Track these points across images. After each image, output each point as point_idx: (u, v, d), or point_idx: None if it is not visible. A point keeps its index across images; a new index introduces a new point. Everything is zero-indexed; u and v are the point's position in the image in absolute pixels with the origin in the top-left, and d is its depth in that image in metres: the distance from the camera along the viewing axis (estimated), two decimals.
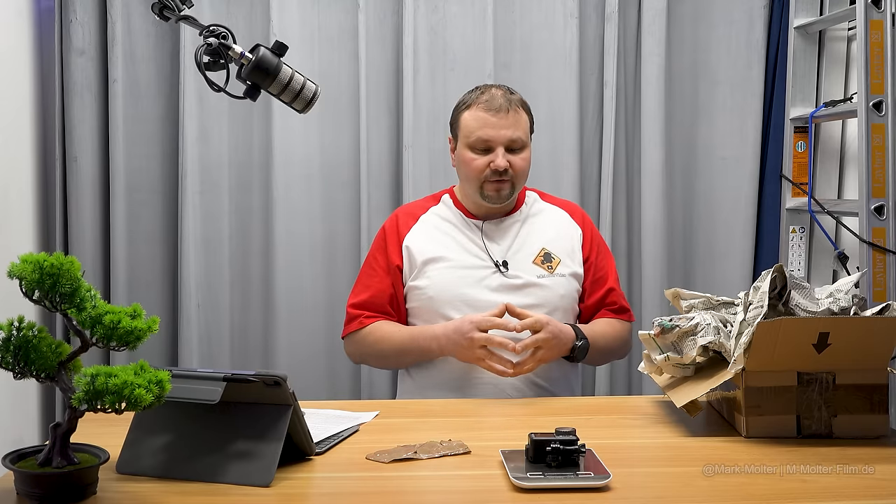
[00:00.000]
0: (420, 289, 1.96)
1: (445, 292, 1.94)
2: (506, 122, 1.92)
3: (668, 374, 1.63)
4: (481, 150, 1.94)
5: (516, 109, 1.94)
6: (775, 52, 2.66)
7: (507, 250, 1.98)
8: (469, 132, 1.95)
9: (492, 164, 1.92)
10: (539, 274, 1.96)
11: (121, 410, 1.10)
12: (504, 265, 1.95)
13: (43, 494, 1.14)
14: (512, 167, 1.93)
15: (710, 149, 2.70)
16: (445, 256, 1.97)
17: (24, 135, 2.37)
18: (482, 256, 1.97)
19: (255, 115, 2.59)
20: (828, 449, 1.40)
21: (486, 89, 1.97)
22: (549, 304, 1.94)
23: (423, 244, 2.00)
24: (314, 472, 1.31)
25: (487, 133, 1.92)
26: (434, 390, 1.94)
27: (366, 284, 2.02)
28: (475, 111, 1.94)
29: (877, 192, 2.25)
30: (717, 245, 2.72)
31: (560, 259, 1.99)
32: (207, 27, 1.43)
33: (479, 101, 1.95)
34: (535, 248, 1.99)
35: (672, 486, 1.26)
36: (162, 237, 2.63)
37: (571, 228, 2.05)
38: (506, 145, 1.93)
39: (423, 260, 1.97)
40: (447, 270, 1.96)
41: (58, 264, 1.12)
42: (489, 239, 1.99)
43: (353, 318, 2.00)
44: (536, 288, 1.95)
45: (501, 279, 1.94)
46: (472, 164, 1.94)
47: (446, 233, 2.02)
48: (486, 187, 1.95)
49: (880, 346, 1.44)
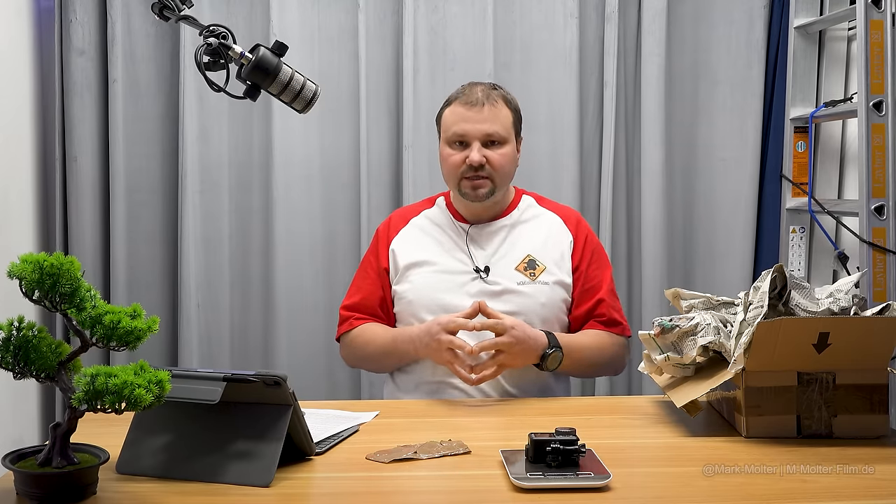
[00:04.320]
0: (401, 293, 1.94)
1: (424, 297, 1.91)
2: (481, 116, 1.88)
3: (668, 374, 1.63)
4: (458, 144, 1.90)
5: (494, 103, 1.89)
6: (775, 52, 2.66)
7: (492, 256, 1.94)
8: (447, 128, 1.92)
9: (467, 158, 1.87)
10: (519, 281, 1.90)
11: (121, 410, 1.10)
12: (485, 270, 1.91)
13: (43, 494, 1.14)
14: (490, 163, 1.88)
15: (710, 149, 2.70)
16: (428, 261, 1.95)
17: (24, 135, 2.37)
18: (465, 261, 1.93)
19: (255, 115, 2.59)
20: (828, 449, 1.40)
21: (470, 86, 1.94)
22: (529, 311, 1.88)
23: (407, 248, 1.98)
24: (314, 472, 1.31)
25: (462, 127, 1.88)
26: (410, 394, 1.92)
27: (358, 286, 2.01)
28: (454, 107, 1.92)
29: (877, 192, 2.25)
30: (717, 245, 2.72)
31: (545, 266, 1.92)
32: (207, 27, 1.43)
33: (458, 96, 1.92)
34: (519, 255, 1.93)
35: (672, 486, 1.26)
36: (162, 237, 2.63)
37: (563, 235, 1.98)
38: (482, 139, 1.88)
39: (406, 264, 1.95)
40: (428, 275, 1.93)
41: (58, 264, 1.12)
42: (474, 243, 1.96)
43: (344, 319, 1.99)
44: (515, 295, 1.89)
45: (481, 285, 1.90)
46: (450, 160, 1.91)
47: (433, 236, 1.99)
48: (464, 184, 1.90)
49: (880, 346, 1.44)
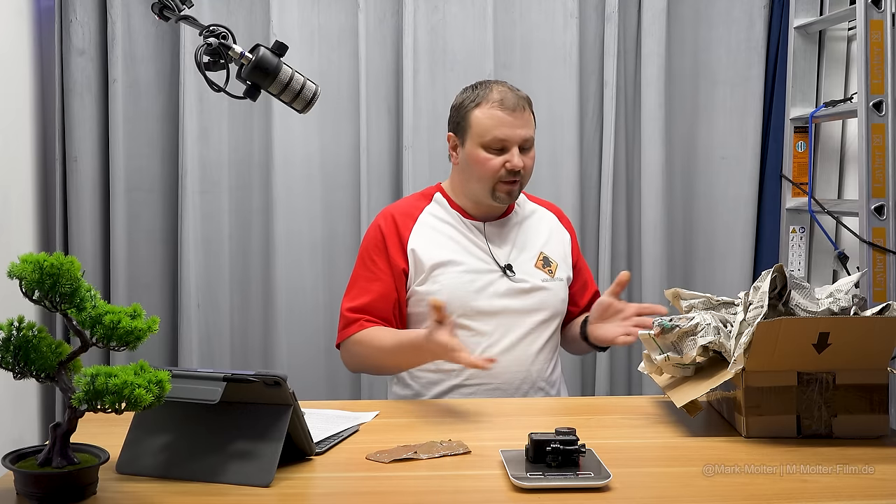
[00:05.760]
0: (424, 294, 1.89)
1: (455, 298, 1.88)
2: (520, 122, 1.87)
3: (668, 374, 1.63)
4: (496, 149, 1.88)
5: (524, 108, 1.89)
6: (775, 52, 2.66)
7: (510, 253, 1.95)
8: (484, 131, 1.87)
9: (507, 163, 1.86)
10: (543, 278, 1.94)
11: (121, 410, 1.10)
12: (509, 268, 1.93)
13: (43, 494, 1.14)
14: (523, 167, 1.88)
15: (710, 149, 2.71)
16: (454, 260, 1.91)
17: (24, 135, 2.37)
18: (487, 260, 1.93)
19: (255, 114, 2.59)
20: (828, 449, 1.40)
21: (491, 86, 1.91)
22: (551, 307, 1.94)
23: (429, 248, 1.93)
24: (314, 472, 1.31)
25: (504, 132, 1.86)
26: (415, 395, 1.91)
27: (364, 288, 1.91)
28: (489, 109, 1.87)
29: (877, 192, 2.25)
30: (717, 245, 2.72)
31: (557, 263, 1.98)
32: (207, 27, 1.43)
33: (489, 98, 1.88)
34: (534, 252, 1.97)
35: (672, 486, 1.26)
36: (162, 237, 2.63)
37: (562, 233, 2.04)
38: (520, 145, 1.88)
39: (432, 264, 1.90)
40: (457, 275, 1.90)
41: (58, 264, 1.12)
42: (491, 242, 1.95)
43: (352, 321, 1.89)
44: (542, 292, 1.93)
45: (509, 283, 1.92)
46: (488, 165, 1.87)
47: (448, 235, 1.95)
48: (500, 188, 1.89)
49: (880, 346, 1.44)
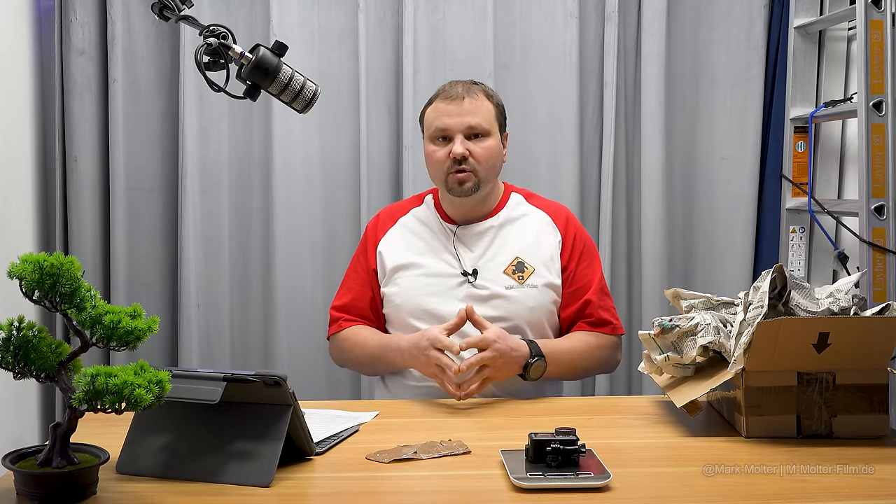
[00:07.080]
0: (389, 296, 1.92)
1: (410, 302, 1.88)
2: (462, 109, 1.86)
3: (668, 374, 1.63)
4: (441, 140, 1.88)
5: (475, 96, 1.88)
6: (775, 52, 2.66)
7: (480, 258, 1.90)
8: (429, 125, 1.91)
9: (451, 152, 1.85)
10: (508, 285, 1.87)
11: (121, 410, 1.10)
12: (473, 274, 1.88)
13: (43, 494, 1.14)
14: (473, 156, 1.85)
15: (710, 149, 2.70)
16: (416, 263, 1.91)
17: (24, 135, 2.37)
18: (453, 264, 1.90)
19: (255, 114, 2.59)
20: (828, 449, 1.40)
21: (451, 84, 1.93)
22: (517, 316, 1.86)
23: (394, 249, 1.95)
24: (314, 472, 1.31)
25: (444, 121, 1.87)
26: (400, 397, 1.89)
27: (348, 287, 1.99)
28: (435, 104, 1.91)
29: (877, 192, 2.25)
30: (717, 245, 2.72)
31: (534, 269, 1.89)
32: (207, 27, 1.43)
33: (438, 94, 1.92)
34: (508, 257, 1.90)
35: (672, 486, 1.26)
36: (162, 236, 2.62)
37: (551, 235, 1.95)
38: (464, 132, 1.86)
39: (393, 266, 1.93)
40: (416, 278, 1.90)
41: (58, 264, 1.12)
42: (461, 245, 1.92)
43: (334, 320, 1.97)
44: (503, 300, 1.86)
45: (469, 289, 1.87)
46: (434, 157, 1.88)
47: (421, 237, 1.95)
48: (450, 179, 1.87)
49: (880, 346, 1.44)
